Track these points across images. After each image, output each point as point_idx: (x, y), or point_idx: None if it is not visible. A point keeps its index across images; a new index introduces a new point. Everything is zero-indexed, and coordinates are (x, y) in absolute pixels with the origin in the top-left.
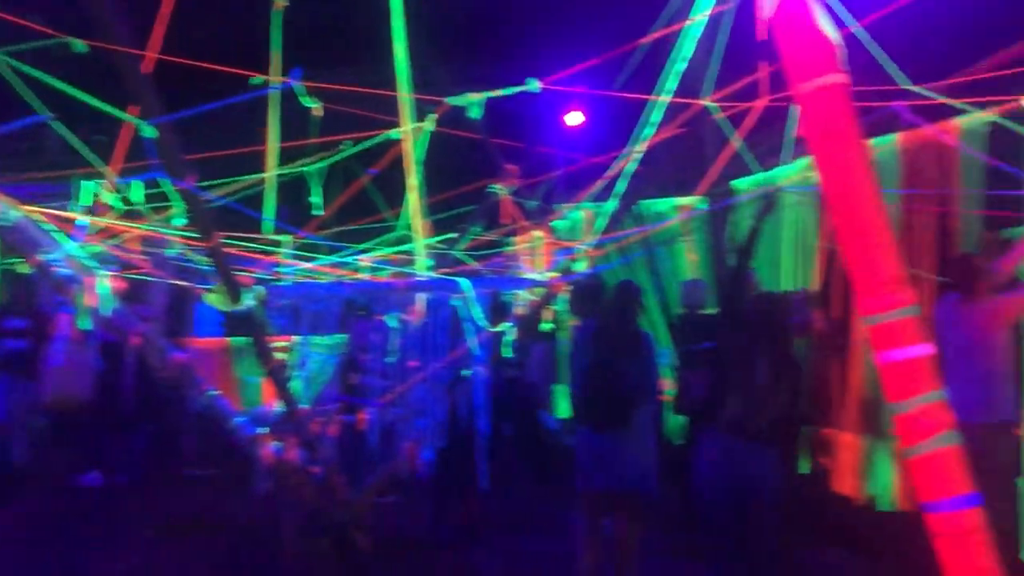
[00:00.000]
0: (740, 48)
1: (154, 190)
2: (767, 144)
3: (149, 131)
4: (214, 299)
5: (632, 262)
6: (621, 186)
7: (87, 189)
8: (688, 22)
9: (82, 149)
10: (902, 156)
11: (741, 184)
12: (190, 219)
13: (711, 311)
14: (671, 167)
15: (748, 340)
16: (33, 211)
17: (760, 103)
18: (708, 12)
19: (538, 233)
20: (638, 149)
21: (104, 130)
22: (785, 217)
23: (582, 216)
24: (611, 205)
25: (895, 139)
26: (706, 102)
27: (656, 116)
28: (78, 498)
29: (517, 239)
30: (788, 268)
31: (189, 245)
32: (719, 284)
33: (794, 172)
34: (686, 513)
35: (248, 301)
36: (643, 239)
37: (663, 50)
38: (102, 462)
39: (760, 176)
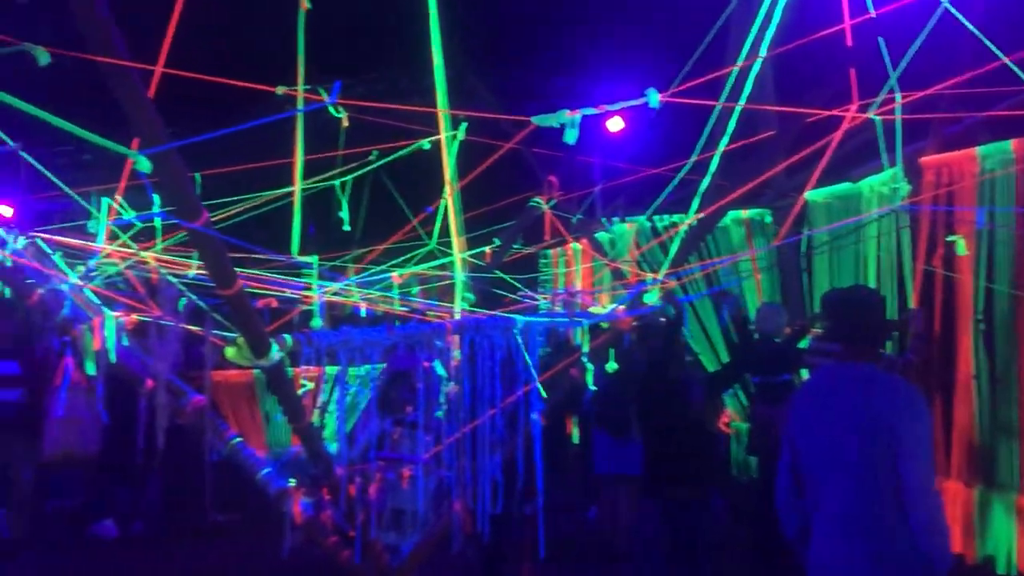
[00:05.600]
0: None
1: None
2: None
3: (146, 165)
4: (234, 353)
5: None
6: (695, 201)
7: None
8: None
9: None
10: (1018, 166)
11: (816, 195)
12: (204, 265)
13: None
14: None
15: None
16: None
17: (851, 111)
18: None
19: (579, 246)
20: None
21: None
22: (869, 234)
23: (627, 230)
24: (680, 220)
25: (1009, 146)
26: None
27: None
28: (95, 552)
29: (555, 252)
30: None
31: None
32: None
33: (880, 183)
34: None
35: (275, 355)
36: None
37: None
38: (115, 512)
39: (842, 187)
